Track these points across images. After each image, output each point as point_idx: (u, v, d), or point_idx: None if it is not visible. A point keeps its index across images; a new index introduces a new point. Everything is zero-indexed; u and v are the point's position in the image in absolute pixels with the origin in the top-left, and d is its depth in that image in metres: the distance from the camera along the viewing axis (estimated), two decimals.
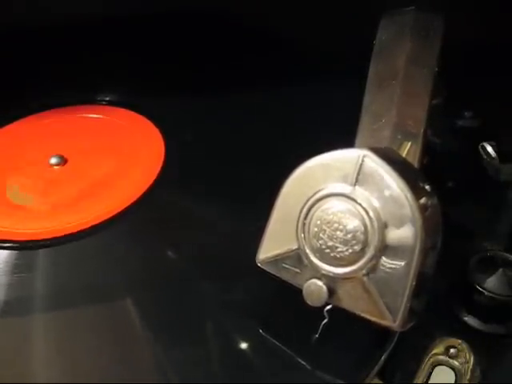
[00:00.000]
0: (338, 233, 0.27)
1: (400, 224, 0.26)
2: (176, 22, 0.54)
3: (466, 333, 0.33)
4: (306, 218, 0.28)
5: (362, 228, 0.27)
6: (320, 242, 0.28)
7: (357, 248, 0.27)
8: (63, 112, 0.47)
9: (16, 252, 0.35)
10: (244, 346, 0.31)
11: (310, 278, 0.28)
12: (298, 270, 0.29)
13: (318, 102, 0.45)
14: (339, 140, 0.30)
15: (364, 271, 0.27)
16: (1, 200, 0.39)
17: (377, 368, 0.30)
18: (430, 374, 0.31)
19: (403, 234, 0.26)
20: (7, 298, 0.33)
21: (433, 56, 0.35)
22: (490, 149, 0.39)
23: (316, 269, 0.28)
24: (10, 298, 0.33)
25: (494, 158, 0.39)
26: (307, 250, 0.28)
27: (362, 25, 0.37)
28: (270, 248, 0.30)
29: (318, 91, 0.45)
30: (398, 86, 0.34)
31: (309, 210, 0.28)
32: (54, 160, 0.41)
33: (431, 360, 0.31)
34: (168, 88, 0.48)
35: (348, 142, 0.33)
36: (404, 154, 0.32)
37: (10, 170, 0.42)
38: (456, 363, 0.31)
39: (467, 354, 0.32)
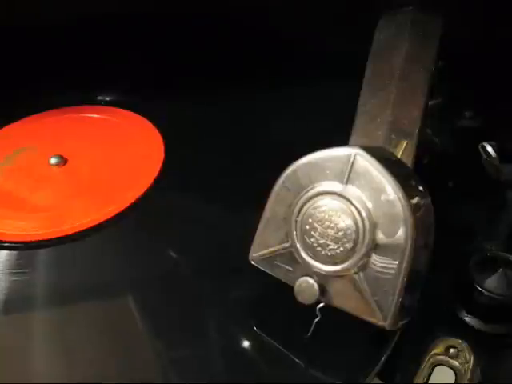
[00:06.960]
0: (330, 231, 0.27)
1: (391, 223, 0.26)
2: (176, 22, 0.54)
3: (465, 333, 0.33)
4: (297, 215, 0.28)
5: (354, 226, 0.27)
6: (311, 239, 0.28)
7: (348, 246, 0.27)
8: (63, 112, 0.47)
9: (16, 252, 0.36)
10: (243, 345, 0.31)
11: (302, 276, 0.28)
12: (290, 268, 0.29)
13: (316, 101, 0.45)
14: (337, 139, 0.30)
15: (355, 269, 0.27)
16: (1, 200, 0.39)
17: (377, 368, 0.30)
18: (430, 374, 0.31)
19: (394, 233, 0.26)
20: (7, 297, 0.33)
21: (430, 56, 0.35)
22: (489, 149, 0.39)
23: (308, 266, 0.28)
24: (10, 298, 0.33)
25: (494, 158, 0.39)
26: (299, 248, 0.28)
27: (361, 25, 0.37)
28: (262, 246, 0.30)
29: (317, 91, 0.45)
30: (394, 85, 0.34)
31: (301, 207, 0.28)
32: (53, 160, 0.41)
33: (431, 360, 0.31)
34: (168, 88, 0.48)
35: (345, 141, 0.33)
36: (398, 154, 0.32)
37: (9, 170, 0.42)
38: (456, 363, 0.31)
39: (467, 354, 0.32)
